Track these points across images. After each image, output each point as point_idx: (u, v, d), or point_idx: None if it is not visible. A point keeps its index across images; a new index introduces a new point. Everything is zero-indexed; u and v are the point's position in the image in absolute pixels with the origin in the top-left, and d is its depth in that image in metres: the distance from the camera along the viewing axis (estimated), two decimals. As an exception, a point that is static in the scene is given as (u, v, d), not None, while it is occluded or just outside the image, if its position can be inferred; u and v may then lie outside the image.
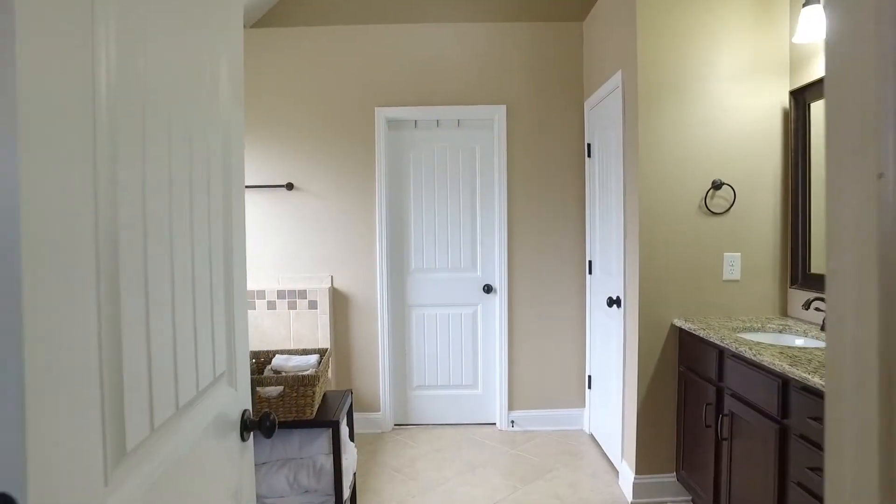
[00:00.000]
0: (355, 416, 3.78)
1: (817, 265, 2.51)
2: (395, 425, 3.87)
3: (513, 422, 3.79)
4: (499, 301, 3.75)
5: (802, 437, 1.77)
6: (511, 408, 3.79)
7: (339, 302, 3.76)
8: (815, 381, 1.66)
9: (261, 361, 2.31)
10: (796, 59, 2.61)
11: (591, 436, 3.65)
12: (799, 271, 2.61)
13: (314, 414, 1.99)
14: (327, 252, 3.74)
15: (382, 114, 3.68)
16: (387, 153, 3.74)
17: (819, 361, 1.83)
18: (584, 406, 3.77)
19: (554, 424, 3.79)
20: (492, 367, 3.85)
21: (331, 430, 1.95)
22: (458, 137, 3.77)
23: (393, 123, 3.76)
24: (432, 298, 3.81)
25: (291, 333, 3.66)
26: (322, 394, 2.19)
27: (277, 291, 3.66)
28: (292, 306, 3.67)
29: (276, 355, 2.27)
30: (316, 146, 3.71)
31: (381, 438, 3.67)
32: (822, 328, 2.35)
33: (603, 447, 3.39)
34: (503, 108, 3.68)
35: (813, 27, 2.33)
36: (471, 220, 3.79)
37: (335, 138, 3.71)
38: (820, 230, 2.50)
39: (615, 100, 3.00)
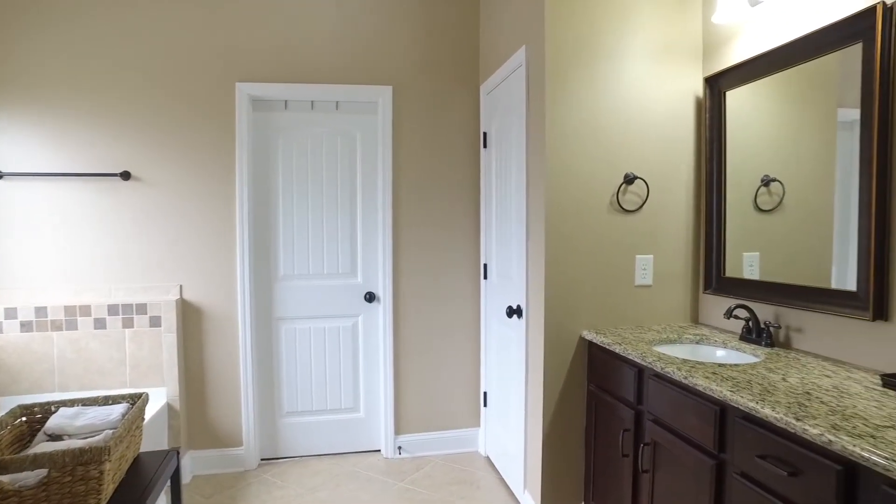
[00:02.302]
0: (210, 453, 3.12)
1: (732, 268, 2.30)
2: (262, 460, 3.26)
3: (400, 448, 3.33)
4: (383, 311, 3.27)
5: (745, 475, 1.47)
6: (398, 432, 3.33)
7: (191, 317, 3.09)
8: (766, 412, 1.36)
9: (34, 419, 1.59)
10: (712, 41, 2.39)
11: (488, 459, 3.28)
12: (713, 275, 2.39)
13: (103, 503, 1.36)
14: (175, 257, 3.06)
15: (245, 90, 3.07)
16: (250, 138, 3.13)
17: (761, 384, 1.55)
18: (479, 426, 3.40)
19: (446, 448, 3.38)
20: (375, 387, 3.36)
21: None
22: (337, 122, 3.24)
23: (258, 103, 3.15)
24: (305, 310, 3.25)
25: (127, 358, 2.94)
26: (128, 464, 1.54)
27: (108, 306, 2.92)
28: (128, 324, 2.94)
29: (60, 409, 1.56)
30: (161, 126, 3.01)
31: (244, 479, 3.05)
32: (742, 337, 2.12)
33: (502, 473, 3.02)
34: (389, 89, 3.21)
35: (734, 5, 2.10)
36: (350, 217, 3.28)
37: (185, 117, 3.03)
38: (735, 231, 2.28)
39: (517, 80, 2.64)
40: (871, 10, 1.68)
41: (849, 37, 1.76)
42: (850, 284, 1.78)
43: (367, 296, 3.28)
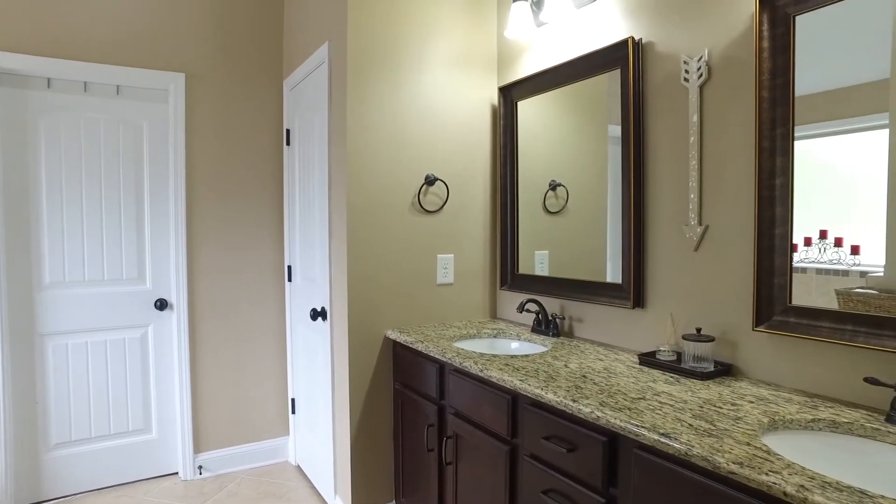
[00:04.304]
0: (-52, 504, 2.55)
1: (525, 266, 2.50)
2: (23, 504, 2.76)
3: (201, 467, 3.05)
4: (177, 319, 2.97)
5: (534, 457, 1.60)
6: (198, 450, 3.05)
7: (-85, 338, 2.49)
8: (550, 396, 1.49)
9: None
10: (506, 54, 2.57)
11: (299, 468, 3.16)
12: (508, 272, 2.58)
13: None
14: None
15: (-9, 63, 2.56)
16: None
17: (546, 372, 1.70)
18: (289, 434, 3.26)
19: (254, 461, 3.19)
20: (170, 403, 3.04)
21: None
22: (119, 108, 2.86)
23: (8, 77, 2.65)
24: (80, 322, 2.81)
25: None
26: None
27: None
28: None
29: None
30: None
31: (-3, 529, 2.55)
32: (533, 329, 2.32)
33: (313, 481, 2.93)
34: (181, 76, 2.92)
35: (522, 23, 2.28)
36: (136, 216, 2.92)
37: None
38: (528, 231, 2.49)
39: (321, 77, 2.58)
40: (624, 43, 1.94)
41: (611, 62, 2.01)
42: (619, 278, 2.04)
43: (159, 303, 2.95)
